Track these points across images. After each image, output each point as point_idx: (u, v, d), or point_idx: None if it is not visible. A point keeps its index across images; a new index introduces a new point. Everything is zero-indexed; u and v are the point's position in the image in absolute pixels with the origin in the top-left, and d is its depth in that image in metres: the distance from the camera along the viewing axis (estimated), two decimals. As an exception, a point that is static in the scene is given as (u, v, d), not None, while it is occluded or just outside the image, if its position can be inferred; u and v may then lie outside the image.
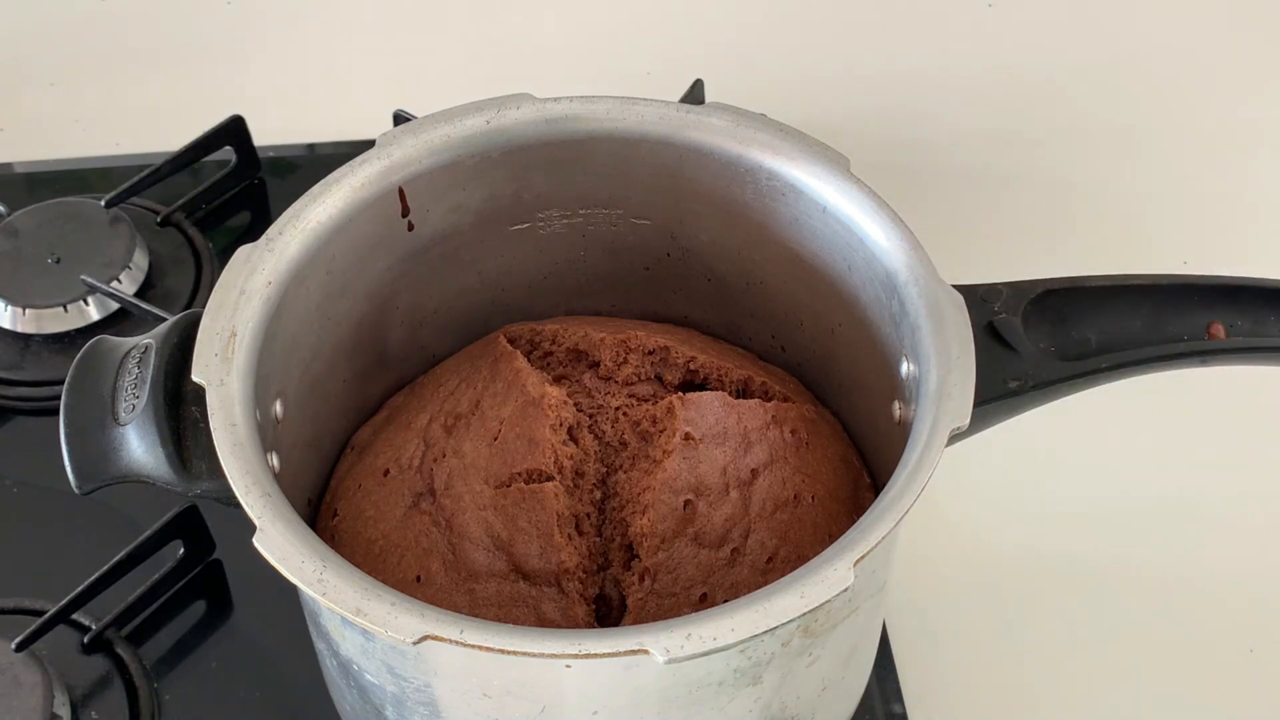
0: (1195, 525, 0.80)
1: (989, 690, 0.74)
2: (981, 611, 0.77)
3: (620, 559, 0.59)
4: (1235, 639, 0.76)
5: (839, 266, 0.62)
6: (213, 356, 0.55)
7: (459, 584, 0.58)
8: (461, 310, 0.69)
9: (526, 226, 0.67)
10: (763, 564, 0.59)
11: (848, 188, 0.61)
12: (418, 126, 0.62)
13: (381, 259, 0.64)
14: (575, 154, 0.64)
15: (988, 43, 1.08)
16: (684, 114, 0.63)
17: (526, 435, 0.59)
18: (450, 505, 0.59)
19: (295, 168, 0.97)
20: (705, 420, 0.60)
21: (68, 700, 0.69)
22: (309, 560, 0.49)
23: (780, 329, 0.69)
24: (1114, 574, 0.78)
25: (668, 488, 0.58)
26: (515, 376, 0.61)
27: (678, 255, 0.68)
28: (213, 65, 1.06)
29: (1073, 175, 0.98)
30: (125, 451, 0.55)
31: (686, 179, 0.64)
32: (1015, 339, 0.58)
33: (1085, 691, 0.74)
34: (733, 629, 0.47)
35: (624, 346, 0.64)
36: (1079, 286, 0.59)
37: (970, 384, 0.54)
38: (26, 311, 0.85)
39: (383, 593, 0.49)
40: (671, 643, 0.47)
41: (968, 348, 0.55)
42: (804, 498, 0.61)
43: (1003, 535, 0.80)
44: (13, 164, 0.98)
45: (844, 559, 0.49)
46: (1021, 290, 0.59)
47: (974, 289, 0.59)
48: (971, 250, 0.81)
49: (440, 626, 0.47)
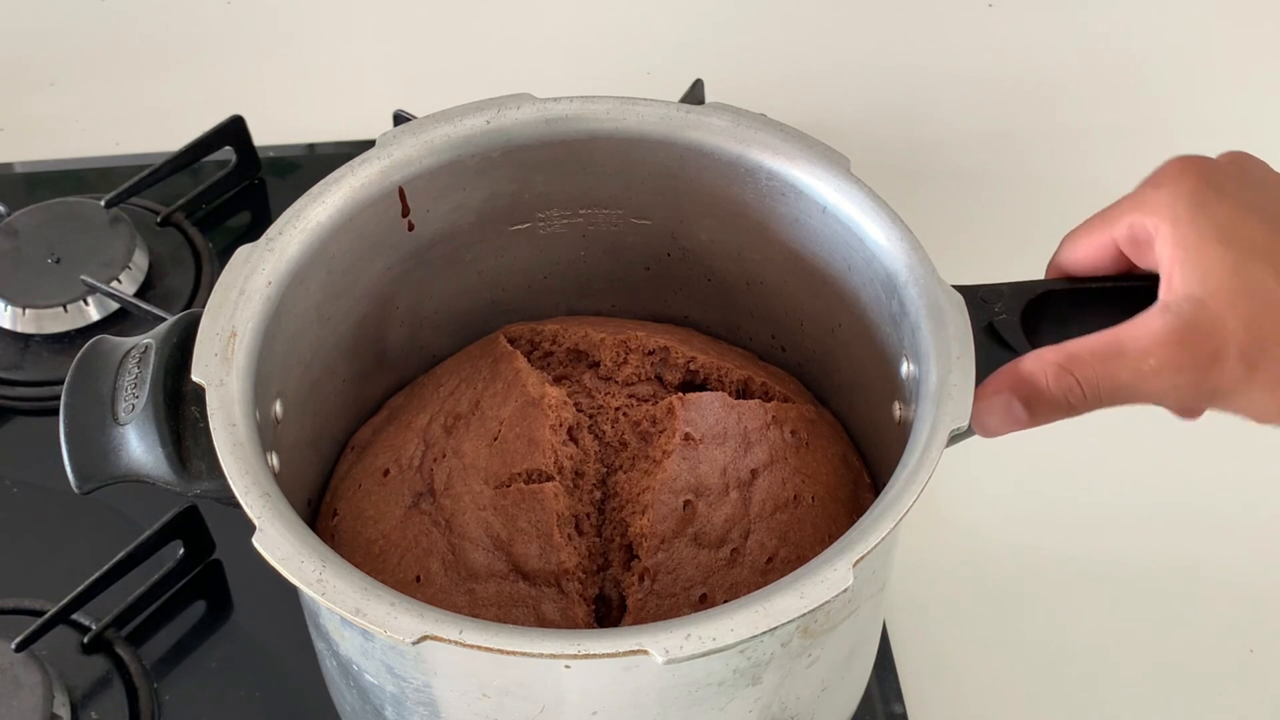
0: (1195, 525, 0.80)
1: (989, 690, 0.74)
2: (981, 611, 0.77)
3: (620, 559, 0.59)
4: (1235, 639, 0.76)
5: (839, 266, 0.62)
6: (212, 356, 0.55)
7: (458, 584, 0.58)
8: (461, 310, 0.69)
9: (527, 226, 0.67)
10: (762, 564, 0.59)
11: (848, 188, 0.61)
12: (418, 126, 0.62)
13: (381, 259, 0.64)
14: (576, 154, 0.64)
15: (988, 43, 1.08)
16: (684, 114, 0.63)
17: (526, 435, 0.59)
18: (450, 505, 0.59)
19: (295, 168, 0.97)
20: (705, 420, 0.60)
21: (68, 700, 0.69)
22: (308, 560, 0.49)
23: (780, 329, 0.69)
24: (1114, 574, 0.78)
25: (667, 488, 0.58)
26: (515, 377, 0.61)
27: (678, 255, 0.68)
28: (213, 65, 1.06)
29: (1072, 175, 0.98)
30: (125, 451, 0.55)
31: (687, 179, 0.64)
32: (1015, 340, 0.58)
33: (1085, 691, 0.74)
34: (732, 629, 0.47)
35: (624, 347, 0.64)
36: (1080, 288, 0.59)
37: (970, 384, 0.54)
38: (26, 311, 0.85)
39: (382, 593, 0.49)
40: (671, 643, 0.47)
41: (968, 348, 0.55)
42: (804, 498, 0.61)
43: (1003, 535, 0.80)
44: (13, 164, 0.98)
45: (844, 559, 0.49)
46: (1022, 290, 0.59)
47: (974, 289, 0.58)
48: (970, 250, 0.81)
49: (439, 626, 0.47)
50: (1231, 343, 0.52)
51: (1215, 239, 0.53)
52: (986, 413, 0.54)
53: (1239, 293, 0.52)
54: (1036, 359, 0.55)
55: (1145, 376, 0.53)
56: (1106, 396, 0.54)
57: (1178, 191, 0.54)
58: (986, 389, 0.55)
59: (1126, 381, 0.53)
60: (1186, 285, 0.53)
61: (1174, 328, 0.52)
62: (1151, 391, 0.53)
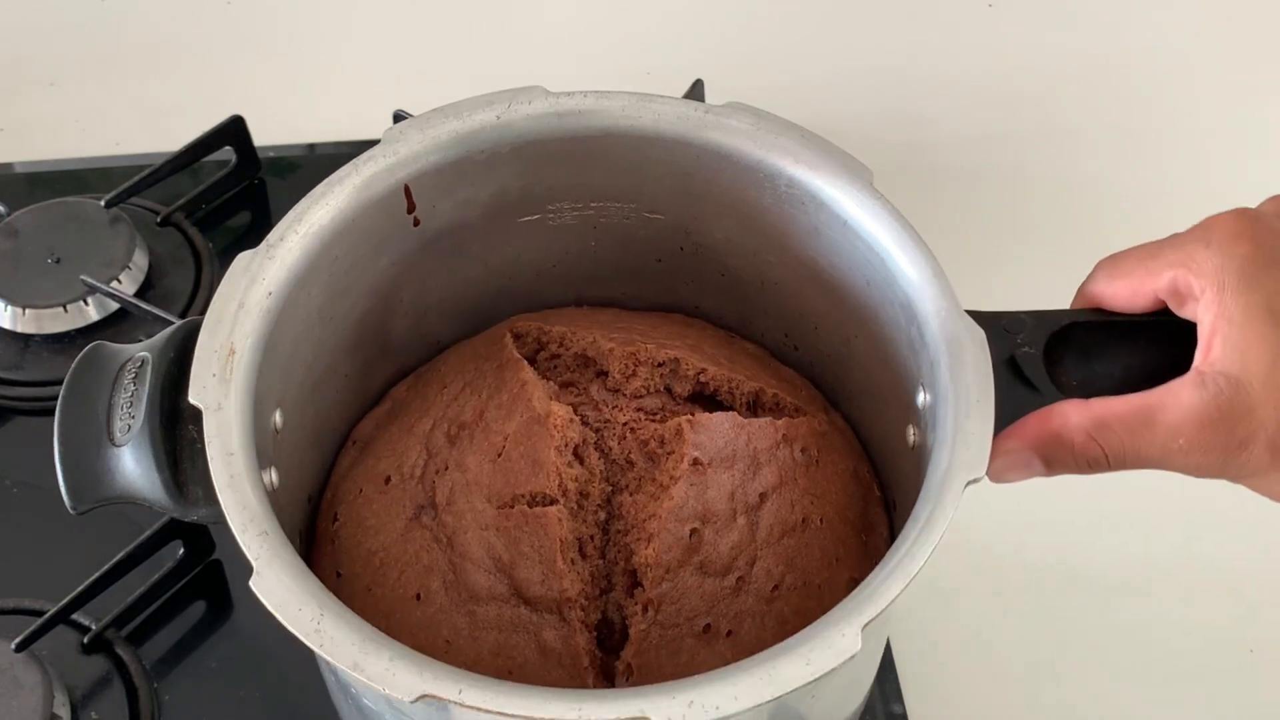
0: (1195, 525, 0.80)
1: (989, 690, 0.74)
2: (981, 612, 0.77)
3: (623, 583, 0.58)
4: (1235, 639, 0.76)
5: (858, 281, 0.61)
6: (210, 377, 0.53)
7: (459, 605, 0.57)
8: (468, 299, 0.67)
9: (536, 218, 0.65)
10: (768, 592, 0.58)
11: (871, 204, 0.58)
12: (424, 122, 0.60)
13: (386, 255, 0.62)
14: (588, 149, 0.62)
15: (988, 43, 1.08)
16: (702, 114, 0.61)
17: (531, 456, 0.58)
18: (452, 522, 0.58)
19: (295, 168, 0.96)
20: (714, 444, 0.59)
21: (68, 700, 0.69)
22: (307, 608, 0.49)
23: (794, 329, 0.67)
24: (1113, 574, 0.78)
25: (674, 516, 0.57)
26: (521, 389, 0.60)
27: (691, 250, 0.67)
28: (213, 65, 1.05)
29: (1073, 175, 0.97)
30: (120, 474, 0.54)
31: (703, 179, 0.62)
32: (1036, 377, 0.56)
33: (1085, 692, 0.74)
34: (736, 698, 0.47)
35: (633, 359, 0.62)
36: (1106, 320, 0.57)
37: (989, 433, 0.52)
38: (26, 311, 0.85)
39: (381, 647, 0.48)
40: (674, 710, 0.46)
41: (988, 392, 0.53)
42: (812, 520, 0.60)
43: (1002, 536, 0.79)
44: (13, 164, 0.97)
45: (852, 624, 0.48)
46: (1046, 321, 0.57)
47: (996, 318, 0.57)
48: (970, 250, 0.81)
49: (438, 685, 0.47)
50: (1261, 430, 0.51)
51: (1262, 318, 0.51)
52: (1007, 466, 0.54)
53: (1277, 379, 0.51)
54: (1062, 419, 0.53)
55: (1172, 453, 0.52)
56: (1129, 465, 0.53)
57: (1228, 256, 0.53)
58: (1007, 442, 0.54)
59: (1152, 455, 0.52)
60: (1226, 361, 0.52)
61: (1209, 409, 0.51)
62: (1175, 465, 0.53)
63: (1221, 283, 0.52)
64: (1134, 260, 0.56)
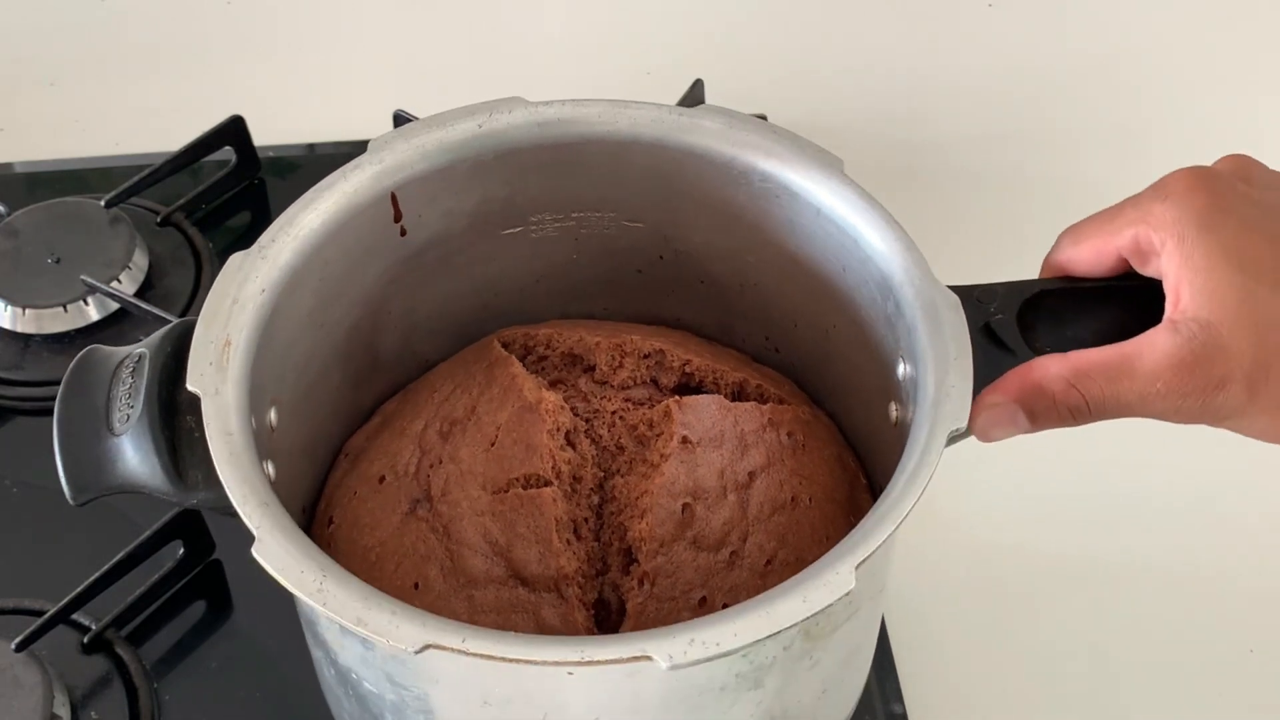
0: (1195, 524, 0.80)
1: (989, 690, 0.74)
2: (981, 611, 0.77)
3: (619, 563, 0.58)
4: (1235, 639, 0.76)
5: (834, 268, 0.62)
6: (207, 365, 0.54)
7: (457, 590, 0.57)
8: (454, 315, 0.68)
9: (519, 230, 0.67)
10: (761, 566, 0.59)
11: (842, 190, 0.60)
12: (409, 131, 0.62)
13: (374, 264, 0.63)
14: (568, 157, 0.64)
15: (988, 43, 1.08)
16: (677, 117, 0.63)
17: (524, 441, 0.59)
18: (447, 512, 0.59)
19: (295, 168, 0.97)
20: (702, 424, 0.60)
21: (67, 700, 0.69)
22: (309, 570, 0.49)
23: (774, 330, 0.68)
24: (1113, 573, 0.78)
25: (665, 491, 0.58)
26: (511, 382, 0.61)
27: (671, 258, 0.68)
28: (213, 65, 1.06)
29: (1072, 175, 0.98)
30: (120, 462, 0.55)
31: (680, 182, 0.64)
32: (1012, 340, 0.58)
33: (1085, 691, 0.74)
34: (735, 634, 0.47)
35: (619, 350, 0.64)
36: (1075, 287, 0.59)
37: (968, 385, 0.54)
38: (26, 311, 0.85)
39: (383, 602, 0.48)
40: (675, 649, 0.47)
41: (965, 349, 0.55)
42: (801, 500, 0.61)
43: (1002, 535, 0.80)
44: (13, 164, 0.98)
45: (845, 563, 0.49)
46: (1017, 290, 0.59)
47: (969, 289, 0.58)
48: (969, 251, 0.81)
49: (442, 635, 0.47)
50: (1237, 368, 0.52)
51: (1223, 261, 0.53)
52: (992, 422, 0.55)
53: (1246, 318, 0.52)
54: (1043, 370, 0.55)
55: (1151, 398, 0.53)
56: (1110, 412, 0.54)
57: (1185, 208, 0.54)
58: (990, 396, 0.55)
59: (1132, 401, 0.54)
60: (1195, 306, 0.53)
61: (1183, 352, 0.53)
62: (1155, 410, 0.54)
63: (1181, 234, 0.54)
64: (1095, 224, 0.58)
